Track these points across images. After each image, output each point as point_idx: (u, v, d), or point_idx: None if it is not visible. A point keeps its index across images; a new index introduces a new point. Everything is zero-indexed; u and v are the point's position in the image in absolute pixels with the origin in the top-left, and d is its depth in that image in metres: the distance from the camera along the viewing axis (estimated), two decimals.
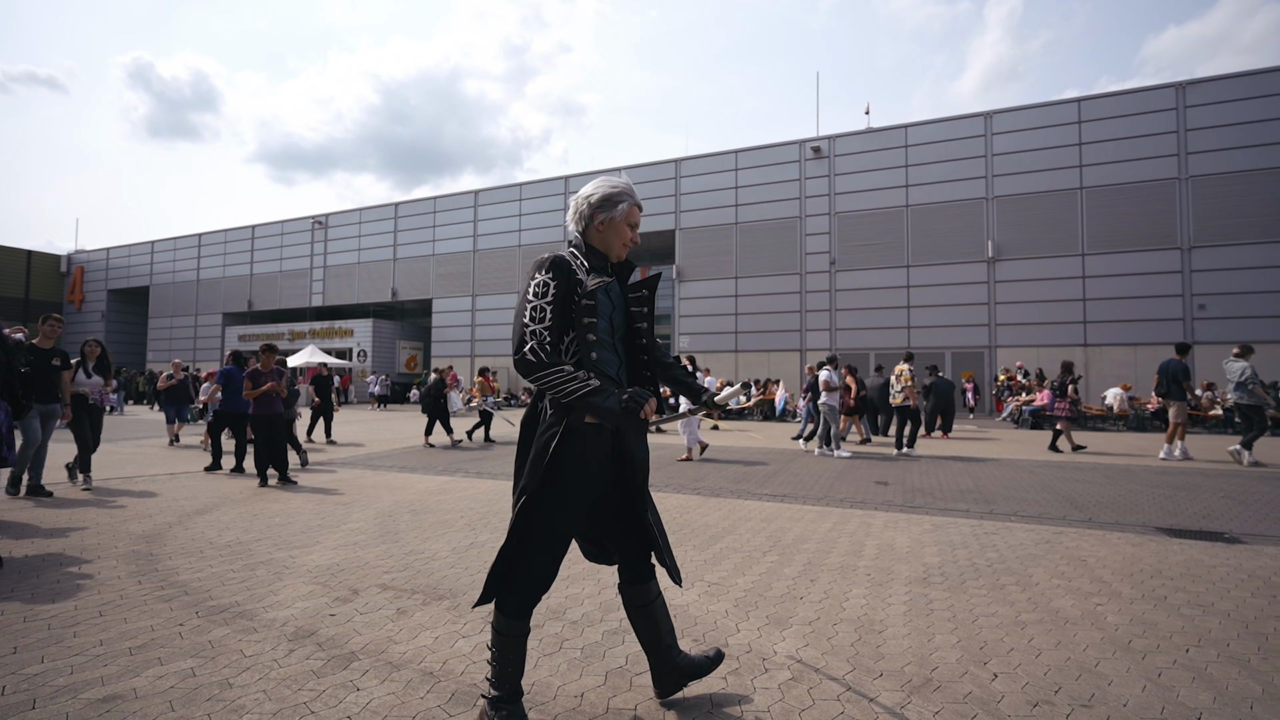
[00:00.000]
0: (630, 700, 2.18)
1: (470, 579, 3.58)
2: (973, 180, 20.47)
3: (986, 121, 20.48)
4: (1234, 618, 3.09)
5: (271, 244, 33.48)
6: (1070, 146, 19.48)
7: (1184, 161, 18.25)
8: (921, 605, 3.23)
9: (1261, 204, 17.47)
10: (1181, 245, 18.17)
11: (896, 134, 21.51)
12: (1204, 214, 17.99)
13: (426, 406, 11.50)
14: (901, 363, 10.29)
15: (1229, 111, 17.92)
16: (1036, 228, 19.72)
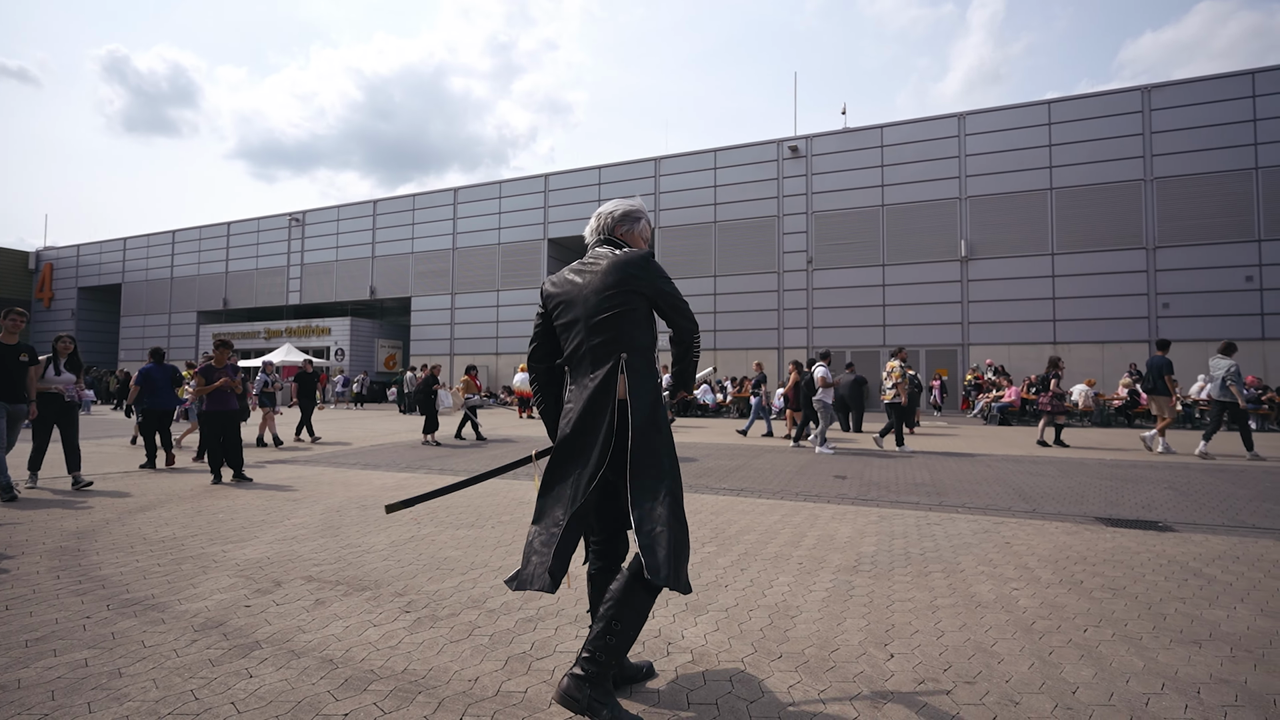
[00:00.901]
0: (523, 684, 2.20)
1: (400, 569, 3.58)
2: (946, 180, 20.70)
3: (960, 122, 20.73)
4: (1140, 600, 3.18)
5: (248, 241, 33.06)
6: (1041, 148, 19.78)
7: (1149, 163, 18.60)
8: (843, 592, 3.28)
9: (1223, 205, 17.84)
10: (1147, 245, 18.52)
11: (872, 134, 21.71)
12: (1168, 215, 18.34)
13: (419, 404, 11.45)
14: (892, 359, 10.31)
15: (1193, 115, 18.28)
16: (1008, 227, 19.99)
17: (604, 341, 2.03)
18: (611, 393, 1.99)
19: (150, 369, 8.11)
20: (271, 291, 32.30)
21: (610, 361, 2.01)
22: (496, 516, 5.12)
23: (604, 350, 2.03)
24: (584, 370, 2.06)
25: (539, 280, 26.25)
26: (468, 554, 3.93)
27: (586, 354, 2.06)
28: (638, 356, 2.03)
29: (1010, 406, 15.64)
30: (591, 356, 2.04)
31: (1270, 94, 17.54)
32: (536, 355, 2.27)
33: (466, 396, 11.88)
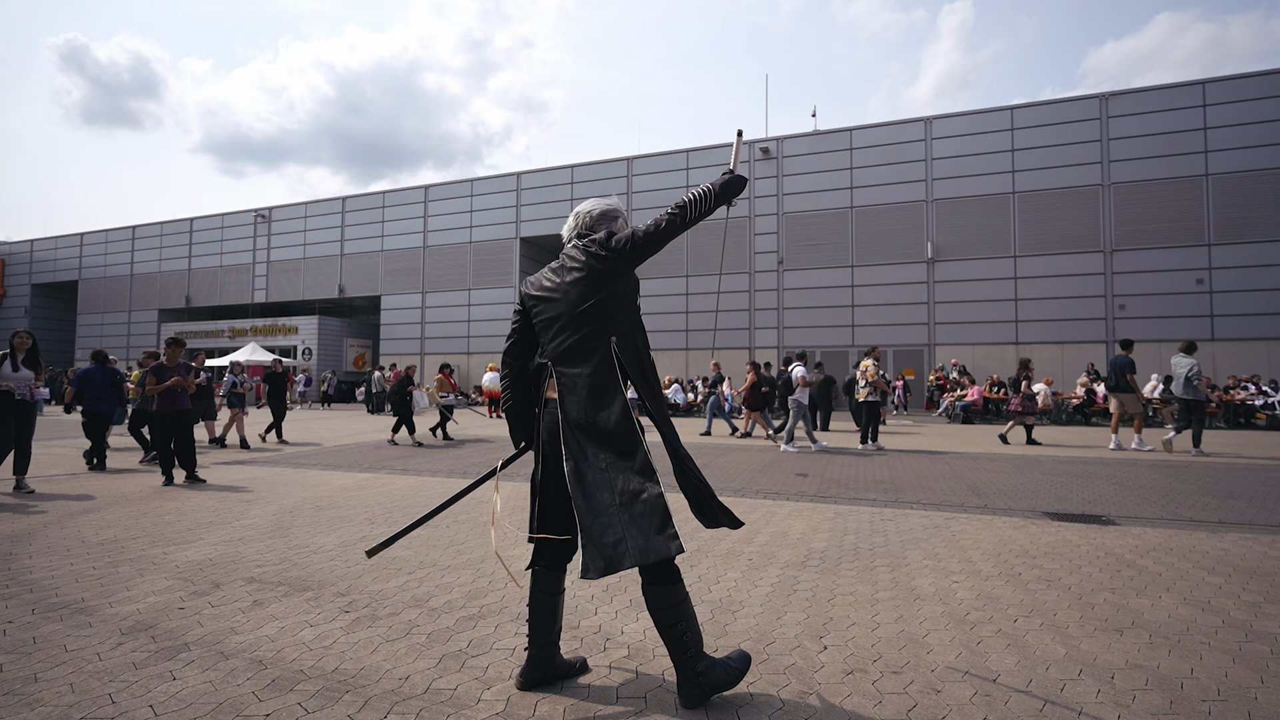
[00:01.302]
0: (454, 681, 2.19)
1: (346, 570, 3.53)
2: (914, 184, 21.09)
3: (927, 126, 21.13)
4: (1073, 591, 3.28)
5: (211, 238, 32.22)
6: (1004, 153, 20.26)
7: (1107, 169, 19.18)
8: (788, 587, 3.33)
9: (1175, 211, 18.49)
10: (1104, 248, 19.10)
11: (841, 137, 22.02)
12: (1124, 219, 18.94)
13: (394, 405, 11.23)
14: (866, 359, 10.42)
15: (1147, 122, 18.90)
16: (973, 230, 20.44)
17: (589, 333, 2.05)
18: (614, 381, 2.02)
19: (89, 370, 7.88)
20: (237, 289, 31.55)
21: (601, 350, 2.04)
22: (453, 516, 5.07)
23: (592, 341, 2.05)
24: (572, 367, 2.07)
25: (511, 279, 26.08)
26: (418, 554, 3.89)
27: (575, 348, 2.06)
28: (625, 340, 2.07)
29: (973, 406, 15.99)
30: (582, 349, 2.06)
31: (1220, 104, 18.22)
32: (513, 351, 2.28)
33: (442, 395, 11.75)
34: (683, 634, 1.99)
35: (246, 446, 10.11)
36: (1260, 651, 2.50)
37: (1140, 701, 2.08)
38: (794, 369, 10.13)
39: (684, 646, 1.99)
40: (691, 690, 2.01)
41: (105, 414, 7.78)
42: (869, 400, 10.00)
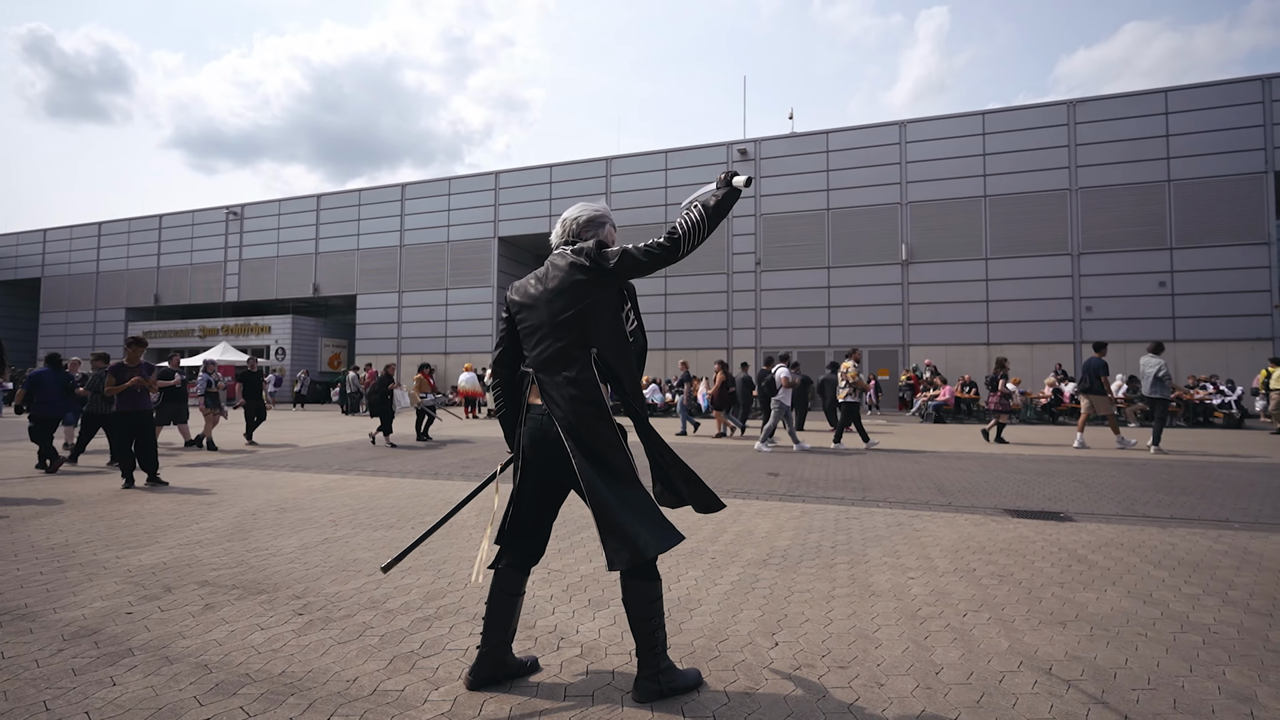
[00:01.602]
0: (403, 682, 2.18)
1: (304, 572, 3.49)
2: (888, 186, 21.38)
3: (901, 130, 21.43)
4: (1023, 585, 3.36)
5: (181, 235, 31.53)
6: (976, 157, 20.63)
7: (1074, 174, 19.63)
8: (747, 584, 3.36)
9: (1139, 215, 18.98)
10: (1072, 251, 19.54)
11: (818, 139, 22.24)
12: (1091, 223, 19.40)
13: (374, 405, 11.08)
14: (846, 359, 10.55)
15: (1112, 129, 19.39)
16: (946, 232, 20.77)
17: (573, 342, 2.06)
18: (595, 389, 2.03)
19: (42, 373, 7.70)
20: (207, 288, 30.91)
21: (581, 359, 2.05)
22: (419, 517, 5.04)
23: (575, 348, 2.06)
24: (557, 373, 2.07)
25: (489, 279, 25.92)
26: (379, 555, 3.86)
27: (559, 355, 2.07)
28: (610, 353, 2.07)
29: (945, 405, 16.26)
30: (565, 356, 2.07)
31: (1181, 111, 18.75)
32: (502, 360, 2.29)
33: (421, 396, 11.63)
34: (654, 630, 2.05)
35: (214, 448, 9.92)
36: (1193, 642, 2.59)
37: (1074, 691, 2.15)
38: (777, 369, 10.21)
39: (653, 643, 2.06)
40: (650, 686, 2.07)
41: (53, 419, 7.60)
42: (848, 400, 10.14)
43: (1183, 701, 2.08)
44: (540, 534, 2.21)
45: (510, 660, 2.19)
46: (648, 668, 2.07)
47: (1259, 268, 17.84)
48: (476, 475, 7.30)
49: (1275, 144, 17.87)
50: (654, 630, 2.06)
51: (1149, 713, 2.01)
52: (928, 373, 18.06)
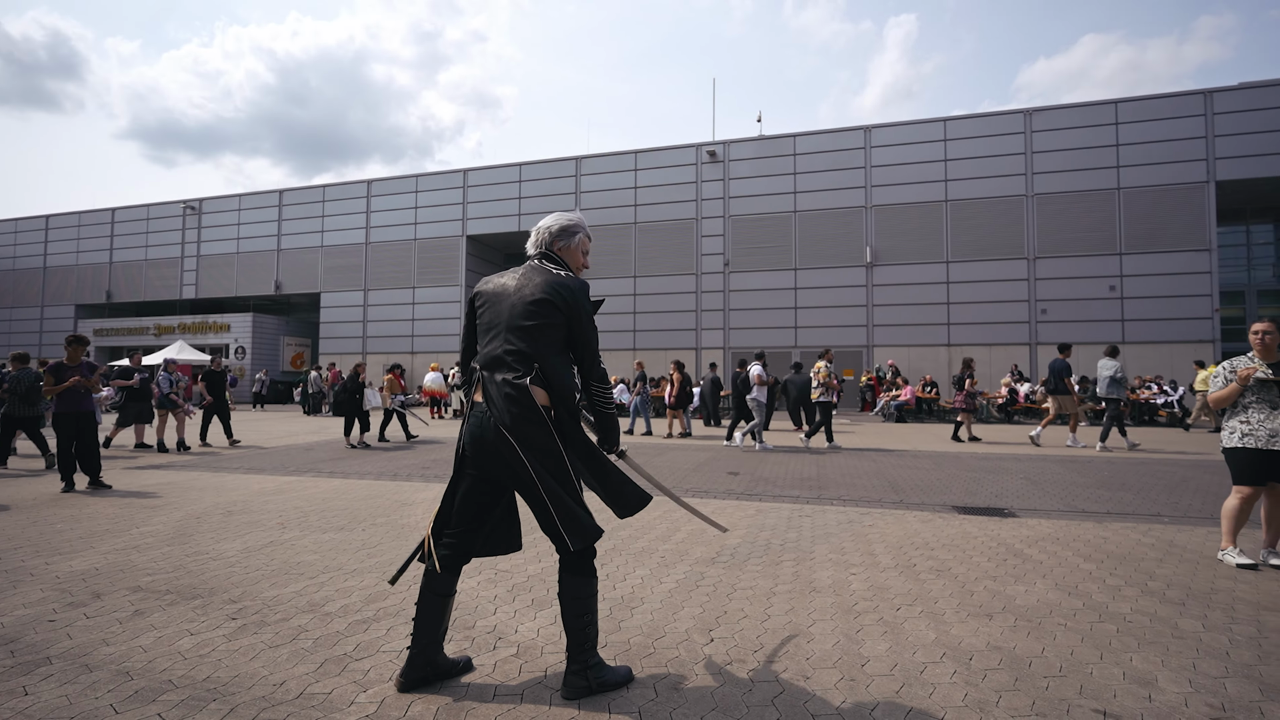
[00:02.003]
0: (331, 685, 2.16)
1: (243, 576, 3.42)
2: (854, 190, 21.76)
3: (866, 135, 21.83)
4: (958, 579, 3.47)
5: (136, 229, 30.46)
6: (937, 162, 21.13)
7: (1030, 180, 20.25)
8: (691, 582, 3.41)
9: (1091, 221, 19.67)
10: (1028, 256, 20.15)
11: (786, 142, 22.52)
12: (1046, 228, 20.04)
13: (343, 406, 10.84)
14: (819, 360, 10.71)
15: (1066, 138, 20.05)
16: (908, 236, 21.24)
17: (521, 350, 2.07)
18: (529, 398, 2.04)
19: None
20: (163, 284, 29.94)
21: (523, 368, 2.06)
22: (371, 519, 4.97)
23: (520, 357, 2.07)
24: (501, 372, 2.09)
25: (457, 278, 25.64)
26: (325, 558, 3.81)
27: (505, 357, 2.09)
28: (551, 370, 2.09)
29: (906, 405, 16.62)
30: (511, 360, 2.07)
31: (1131, 122, 19.49)
32: (466, 354, 2.32)
33: (392, 396, 11.44)
34: (585, 626, 2.09)
35: (164, 450, 9.64)
36: (1108, 630, 2.71)
37: (989, 680, 2.24)
38: (751, 368, 10.32)
39: (584, 639, 2.10)
40: (579, 682, 2.10)
41: None
42: (822, 400, 10.32)
43: (1088, 687, 2.18)
44: (478, 531, 2.21)
45: (442, 661, 2.19)
46: (576, 663, 2.10)
47: (1201, 273, 18.65)
48: (436, 476, 7.23)
49: (1216, 155, 18.70)
50: (585, 626, 2.09)
51: (1055, 698, 2.10)
52: (889, 373, 18.44)
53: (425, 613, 2.14)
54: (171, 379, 10.36)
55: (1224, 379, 3.99)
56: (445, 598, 2.17)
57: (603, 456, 2.20)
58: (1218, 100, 18.81)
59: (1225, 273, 21.19)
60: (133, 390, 10.04)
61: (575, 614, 2.09)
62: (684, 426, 12.40)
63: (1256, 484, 3.79)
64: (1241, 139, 18.62)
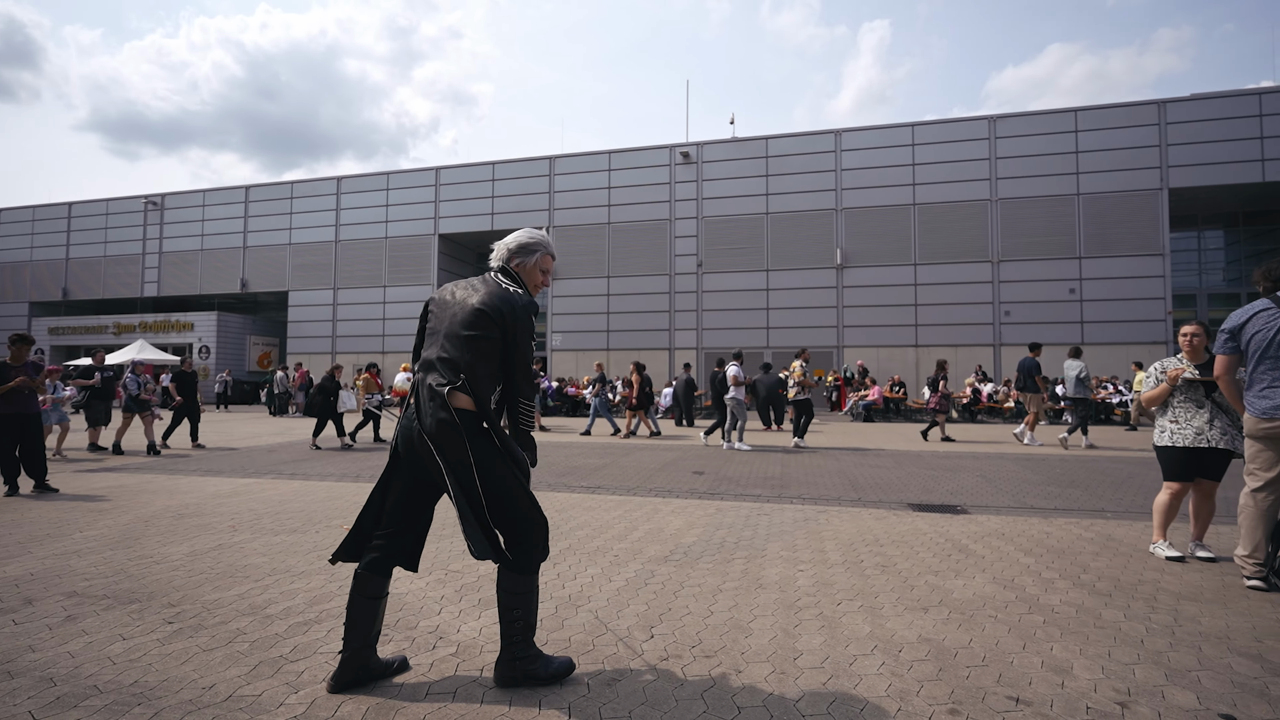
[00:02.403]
0: (262, 687, 2.15)
1: (186, 579, 3.37)
2: (824, 192, 22.06)
3: (837, 138, 22.16)
4: (902, 574, 3.57)
5: (94, 225, 29.54)
6: (905, 166, 21.53)
7: (995, 185, 20.76)
8: (641, 581, 3.44)
9: (1052, 226, 20.24)
10: (992, 259, 20.65)
11: (758, 144, 22.74)
12: (1009, 232, 20.56)
13: (316, 407, 10.61)
14: (795, 359, 10.86)
15: (1028, 144, 20.60)
16: (877, 238, 21.60)
17: (452, 358, 2.09)
18: (448, 406, 2.04)
19: None
20: (123, 282, 29.09)
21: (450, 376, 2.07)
22: (327, 521, 4.92)
23: (450, 365, 2.09)
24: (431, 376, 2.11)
25: (429, 277, 25.36)
26: (273, 560, 3.76)
27: (437, 363, 2.12)
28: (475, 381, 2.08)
29: (874, 405, 16.91)
30: (441, 367, 2.10)
31: (1089, 130, 20.09)
32: (415, 359, 2.34)
33: (367, 396, 11.26)
34: (515, 620, 2.13)
35: (157, 452, 9.42)
36: (1035, 621, 2.82)
37: (914, 670, 2.31)
38: (729, 368, 10.41)
39: (513, 632, 2.13)
40: (507, 672, 2.15)
41: None
42: (799, 399, 10.48)
43: (1007, 675, 2.27)
44: (409, 532, 2.21)
45: (375, 662, 2.19)
46: (506, 653, 2.16)
47: (1155, 277, 19.31)
48: None
49: (1169, 163, 19.38)
50: (515, 620, 2.13)
51: (973, 687, 2.18)
52: (856, 374, 18.74)
53: (355, 616, 2.13)
54: (140, 380, 10.11)
55: (1155, 379, 4.16)
56: (376, 600, 2.16)
57: (512, 486, 2.10)
58: (1171, 110, 19.50)
59: (1178, 277, 21.97)
60: (95, 389, 9.76)
61: (506, 607, 2.13)
62: (651, 427, 12.44)
63: (1184, 480, 3.95)
64: (1194, 148, 19.32)
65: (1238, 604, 3.07)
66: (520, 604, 2.13)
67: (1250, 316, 3.35)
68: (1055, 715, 1.99)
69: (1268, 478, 3.30)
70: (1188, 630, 2.72)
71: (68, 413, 9.53)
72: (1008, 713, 2.01)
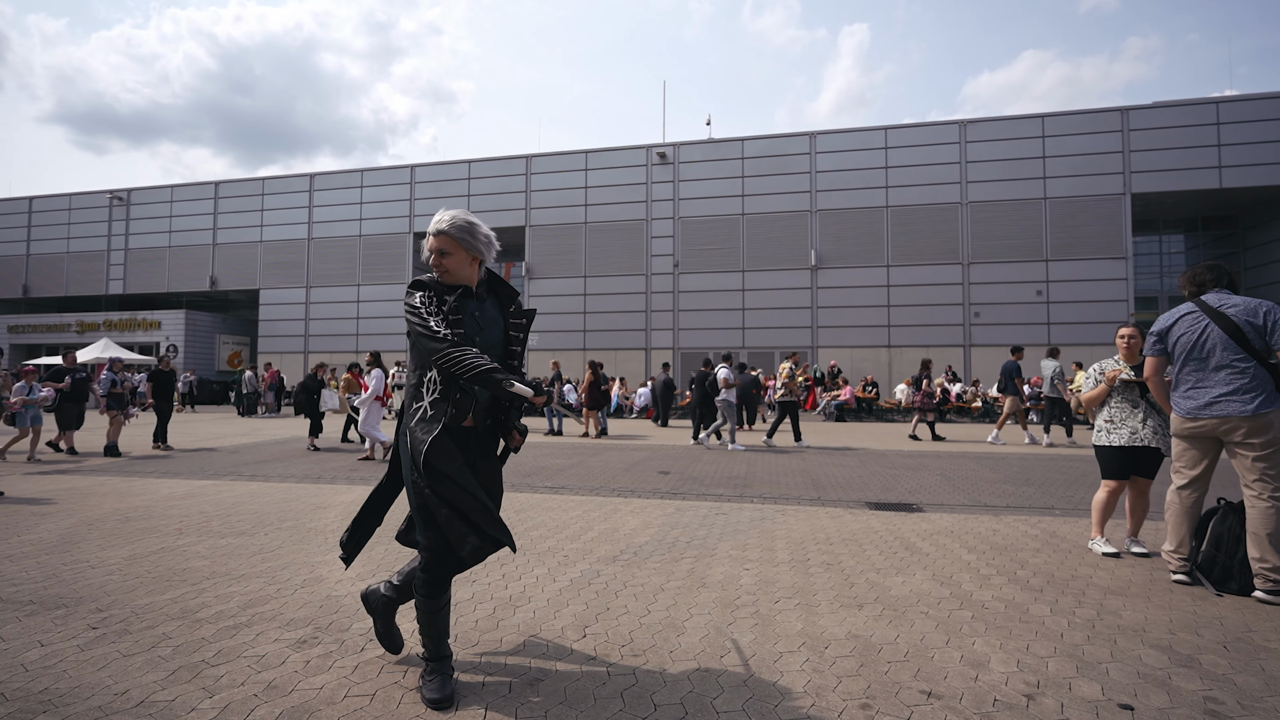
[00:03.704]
0: (176, 692, 2.12)
1: (120, 584, 3.30)
2: (799, 194, 22.25)
3: (811, 141, 22.36)
4: (845, 571, 3.62)
5: (57, 220, 28.73)
6: (878, 169, 21.80)
7: (965, 189, 21.11)
8: (585, 580, 3.45)
9: (1020, 229, 20.65)
10: (963, 261, 21.00)
11: (734, 146, 22.86)
12: (979, 235, 20.93)
13: (302, 406, 10.43)
14: (784, 361, 10.94)
15: (997, 148, 20.99)
16: (851, 240, 21.85)
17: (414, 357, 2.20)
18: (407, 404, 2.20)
19: None
20: (87, 279, 28.35)
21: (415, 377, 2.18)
22: (278, 523, 4.85)
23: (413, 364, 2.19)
24: None
25: (404, 275, 25.10)
26: (215, 563, 3.70)
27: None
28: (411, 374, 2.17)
29: (846, 404, 17.11)
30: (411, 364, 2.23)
31: (1056, 135, 20.53)
32: None
33: (348, 396, 11.09)
34: (420, 631, 2.18)
35: (117, 455, 9.17)
36: (963, 617, 2.88)
37: (836, 666, 2.35)
38: (719, 370, 10.45)
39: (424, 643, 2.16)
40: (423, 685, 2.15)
41: None
42: (784, 400, 10.58)
43: (924, 670, 2.32)
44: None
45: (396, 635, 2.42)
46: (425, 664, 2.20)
47: (1118, 279, 19.79)
48: (361, 479, 7.08)
49: (1132, 169, 19.88)
50: (420, 631, 2.19)
51: (890, 682, 2.23)
52: (827, 374, 18.94)
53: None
54: (117, 378, 9.87)
55: (1094, 380, 4.27)
56: None
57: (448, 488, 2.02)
58: (1133, 117, 20.00)
59: (1140, 279, 22.57)
60: (72, 391, 9.48)
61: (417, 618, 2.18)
62: (599, 426, 12.35)
63: (1121, 478, 4.07)
64: (1155, 154, 19.84)
65: (1161, 598, 3.17)
66: (421, 621, 2.18)
67: (1176, 319, 3.46)
68: (963, 708, 2.04)
69: (1191, 475, 3.41)
70: (1108, 624, 2.80)
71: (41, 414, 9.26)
72: (918, 706, 2.05)
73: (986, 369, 20.06)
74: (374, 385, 8.83)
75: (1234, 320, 3.21)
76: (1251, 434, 3.14)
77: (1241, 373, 3.19)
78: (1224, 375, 3.23)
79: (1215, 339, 3.27)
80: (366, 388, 12.17)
